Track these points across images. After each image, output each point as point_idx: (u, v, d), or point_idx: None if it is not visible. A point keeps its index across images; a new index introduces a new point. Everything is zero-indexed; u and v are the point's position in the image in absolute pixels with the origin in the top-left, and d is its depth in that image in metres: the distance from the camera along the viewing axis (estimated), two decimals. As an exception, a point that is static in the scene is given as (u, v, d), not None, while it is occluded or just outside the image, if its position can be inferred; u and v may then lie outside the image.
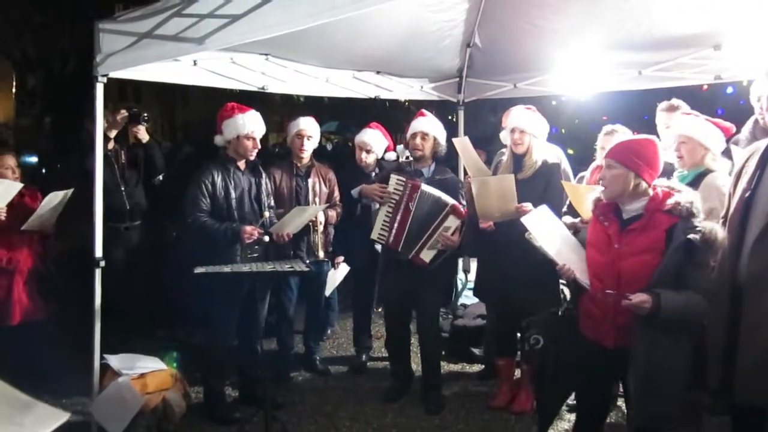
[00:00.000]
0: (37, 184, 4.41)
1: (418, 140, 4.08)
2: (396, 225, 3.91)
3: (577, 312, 2.87)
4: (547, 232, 2.93)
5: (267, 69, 4.64)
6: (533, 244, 2.90)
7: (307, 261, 4.22)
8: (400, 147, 4.54)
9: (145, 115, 4.62)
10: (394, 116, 4.48)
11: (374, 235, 4.01)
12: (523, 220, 2.96)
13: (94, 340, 3.56)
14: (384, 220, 3.97)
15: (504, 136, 4.18)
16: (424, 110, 4.25)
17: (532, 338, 2.88)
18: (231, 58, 4.36)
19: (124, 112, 4.44)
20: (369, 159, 4.78)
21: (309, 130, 4.44)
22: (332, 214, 4.47)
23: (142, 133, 4.58)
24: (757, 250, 2.62)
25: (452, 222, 3.85)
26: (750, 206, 2.72)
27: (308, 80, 4.97)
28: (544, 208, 3.12)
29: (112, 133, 4.44)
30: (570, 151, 6.60)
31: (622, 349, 2.64)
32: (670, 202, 2.64)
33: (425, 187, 3.90)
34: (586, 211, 3.12)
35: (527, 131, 3.86)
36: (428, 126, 4.11)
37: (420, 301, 4.09)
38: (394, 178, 3.98)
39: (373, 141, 4.76)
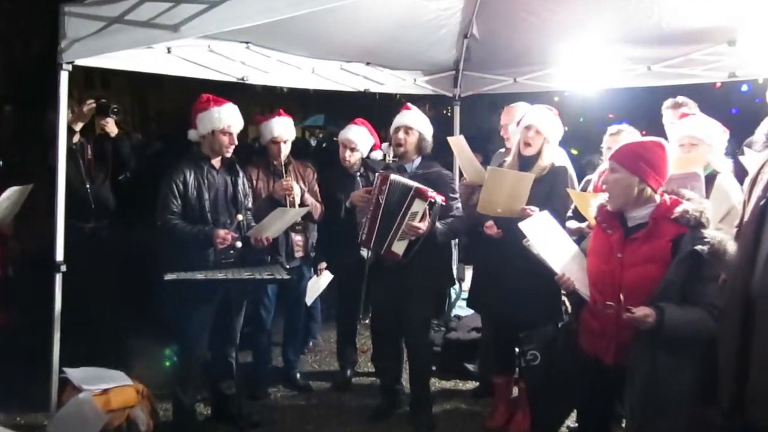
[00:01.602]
0: (-6, 179, 4.37)
1: (400, 134, 4.08)
2: (368, 222, 3.91)
3: (577, 325, 2.88)
4: (547, 239, 2.94)
5: (247, 58, 4.63)
6: (531, 252, 2.91)
7: (288, 267, 4.20)
8: (385, 145, 4.52)
9: (115, 107, 4.58)
10: (384, 111, 4.46)
11: (359, 239, 4.01)
12: (521, 226, 2.97)
13: (52, 352, 3.52)
14: (363, 222, 3.97)
15: (512, 131, 4.18)
16: (409, 104, 4.25)
17: (529, 353, 2.89)
18: (208, 46, 4.34)
19: (91, 103, 4.40)
20: (353, 158, 4.77)
21: (285, 134, 4.43)
22: (312, 201, 4.45)
23: (111, 126, 4.55)
24: (771, 262, 2.64)
25: (418, 206, 3.80)
26: (766, 215, 2.73)
27: (292, 71, 4.96)
28: (544, 214, 3.12)
29: (78, 126, 4.39)
30: (573, 152, 6.62)
31: (623, 366, 2.65)
32: (678, 210, 2.65)
33: (394, 177, 3.88)
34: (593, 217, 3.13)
35: (543, 133, 3.85)
36: (412, 120, 4.11)
37: (409, 312, 4.08)
38: (377, 177, 3.98)
39: (358, 138, 4.75)
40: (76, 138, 4.42)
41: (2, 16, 10.49)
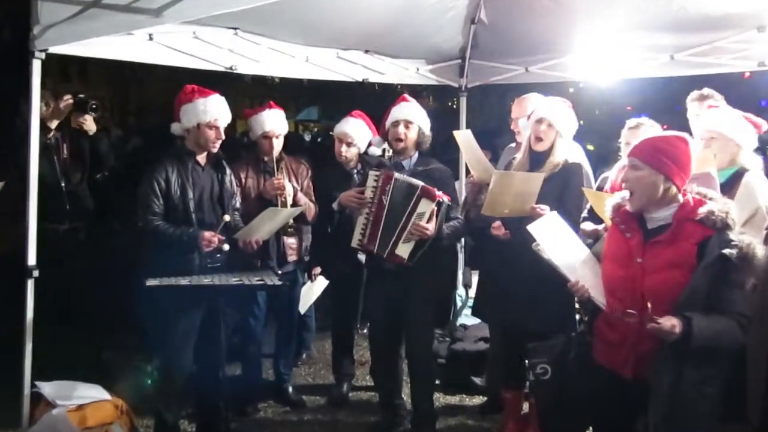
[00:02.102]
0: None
1: (400, 129, 4.08)
2: (370, 224, 3.92)
3: (591, 336, 2.87)
4: (558, 242, 2.94)
5: (236, 46, 4.62)
6: (541, 256, 2.90)
7: (279, 272, 4.20)
8: (376, 138, 4.52)
9: (93, 103, 4.59)
10: (384, 103, 4.46)
11: (354, 242, 4.01)
12: (530, 228, 2.96)
13: (24, 364, 3.52)
14: (362, 224, 3.98)
15: (523, 125, 4.18)
16: (406, 95, 4.26)
17: (539, 367, 2.88)
18: (193, 33, 4.34)
19: (68, 99, 4.41)
20: (350, 153, 4.77)
21: (277, 128, 4.43)
22: (305, 201, 4.45)
23: (89, 124, 4.56)
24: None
25: (425, 206, 3.84)
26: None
27: (284, 60, 4.96)
28: (553, 215, 3.12)
29: (53, 123, 4.41)
30: (589, 147, 6.62)
31: (643, 380, 2.64)
32: (702, 210, 2.65)
33: (399, 176, 3.90)
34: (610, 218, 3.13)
35: (556, 126, 3.85)
36: (413, 113, 4.12)
37: (411, 321, 4.08)
38: (371, 175, 3.98)
39: (355, 132, 4.75)
40: (50, 134, 4.42)
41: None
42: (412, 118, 4.10)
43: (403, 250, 3.88)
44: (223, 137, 3.92)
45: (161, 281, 3.44)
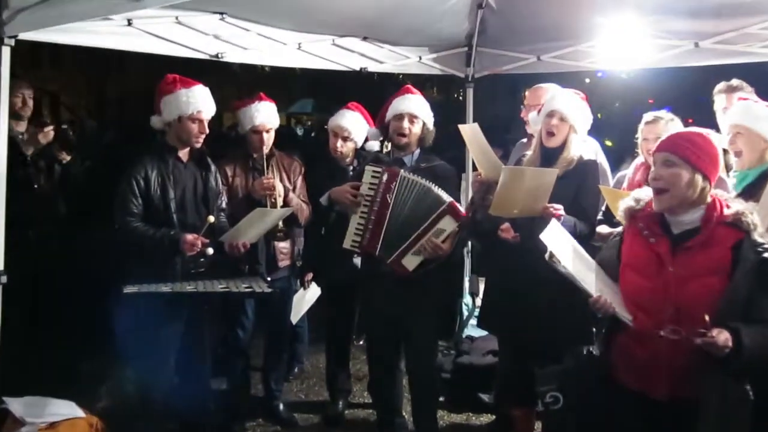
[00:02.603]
0: None
1: (404, 124, 4.09)
2: (371, 224, 3.93)
3: (610, 355, 2.86)
4: (568, 252, 2.93)
5: (222, 32, 4.63)
6: (557, 269, 2.88)
7: (269, 278, 4.20)
8: (372, 130, 4.51)
9: (72, 136, 4.70)
10: (383, 95, 4.46)
11: (346, 244, 4.01)
12: (543, 238, 2.94)
13: (-10, 378, 3.52)
14: (359, 223, 3.97)
15: (533, 119, 4.18)
16: (410, 86, 4.26)
17: (548, 396, 2.84)
18: (176, 18, 4.34)
19: (49, 130, 4.48)
20: (346, 148, 4.77)
21: (268, 122, 4.43)
22: (297, 202, 4.45)
23: (65, 156, 4.68)
24: None
25: (447, 225, 3.86)
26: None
27: (275, 47, 4.96)
28: (554, 224, 3.11)
29: (29, 150, 4.47)
30: (608, 143, 6.63)
31: (681, 400, 2.63)
32: (730, 212, 2.65)
33: (407, 174, 3.92)
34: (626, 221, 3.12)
35: (569, 120, 3.85)
36: (418, 107, 4.13)
37: (413, 332, 4.08)
38: (369, 170, 3.99)
39: (352, 126, 4.76)
40: (21, 127, 4.45)
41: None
42: (418, 113, 4.12)
43: (410, 261, 3.89)
44: (208, 131, 3.93)
45: (140, 288, 3.43)
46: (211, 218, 3.83)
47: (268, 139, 4.44)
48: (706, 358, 2.53)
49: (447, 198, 3.91)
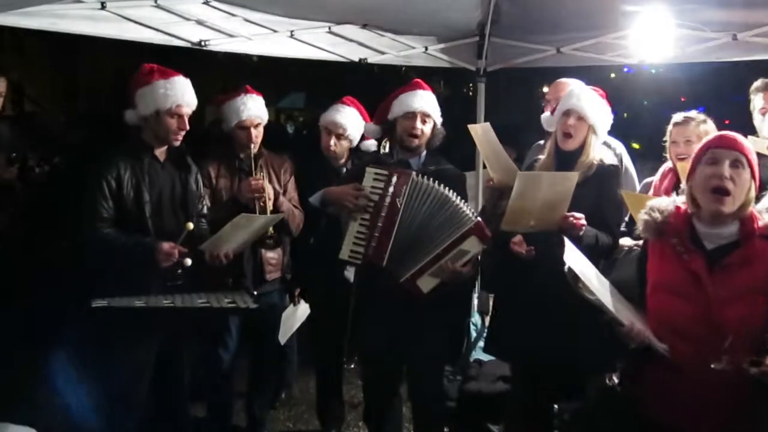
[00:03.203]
0: None
1: (417, 123, 4.07)
2: (378, 231, 3.89)
3: (638, 387, 2.85)
4: (590, 275, 2.92)
5: (207, 17, 4.64)
6: (584, 295, 2.85)
7: (255, 293, 4.19)
8: (370, 126, 4.47)
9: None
10: (384, 90, 4.45)
11: (344, 254, 3.95)
12: (568, 260, 2.93)
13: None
14: (359, 231, 3.94)
15: (547, 121, 4.18)
16: (421, 81, 4.24)
17: None
18: (155, 1, 4.35)
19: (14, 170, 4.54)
20: (340, 147, 4.77)
21: (256, 116, 4.43)
22: (288, 207, 4.44)
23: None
24: None
25: (472, 246, 3.81)
26: None
27: (264, 35, 4.97)
28: (567, 242, 3.10)
29: None
30: (634, 146, 6.62)
31: None
32: (763, 224, 2.68)
33: (419, 178, 3.89)
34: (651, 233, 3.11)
35: (588, 119, 3.86)
36: (431, 105, 4.11)
37: (416, 354, 4.07)
38: (371, 172, 3.95)
39: (347, 123, 4.75)
40: None
41: None
42: (431, 111, 4.10)
43: (426, 283, 3.85)
44: (188, 128, 3.91)
45: (110, 302, 3.43)
46: (190, 225, 3.81)
47: (257, 135, 4.43)
48: (763, 391, 2.52)
49: (472, 214, 3.85)
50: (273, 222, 4.22)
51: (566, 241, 3.03)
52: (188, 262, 3.77)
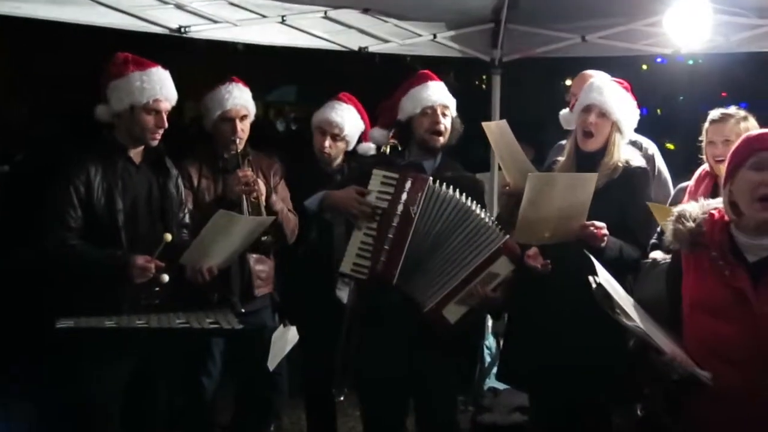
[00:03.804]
0: None
1: (440, 118, 4.01)
2: (387, 243, 3.85)
3: (680, 422, 2.85)
4: (621, 296, 2.91)
5: (186, 1, 4.63)
6: (621, 320, 2.84)
7: (243, 310, 4.19)
8: (378, 132, 4.42)
9: None
10: (387, 82, 4.43)
11: (345, 267, 3.90)
12: (603, 281, 2.92)
13: None
14: (364, 242, 3.89)
15: (566, 118, 4.18)
16: (427, 71, 4.20)
17: None
18: (129, -17, 4.37)
19: None
20: (335, 150, 4.76)
21: (242, 107, 4.41)
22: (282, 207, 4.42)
23: None
24: None
25: (503, 267, 3.76)
26: None
27: (252, 20, 4.97)
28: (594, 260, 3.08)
29: None
30: (669, 146, 6.62)
31: None
32: None
33: (436, 185, 3.84)
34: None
35: (611, 116, 3.85)
36: (447, 95, 4.08)
37: (424, 383, 4.06)
38: (378, 175, 3.91)
39: (344, 122, 4.74)
40: None
41: None
42: (450, 103, 4.07)
43: (454, 312, 3.81)
44: (166, 125, 3.90)
45: (77, 323, 3.42)
46: (168, 236, 3.79)
47: (242, 129, 4.41)
48: None
49: (499, 229, 3.81)
50: (261, 226, 4.17)
51: (592, 258, 3.02)
52: (165, 278, 3.74)
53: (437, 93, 4.05)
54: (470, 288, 3.77)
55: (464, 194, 3.87)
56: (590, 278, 2.93)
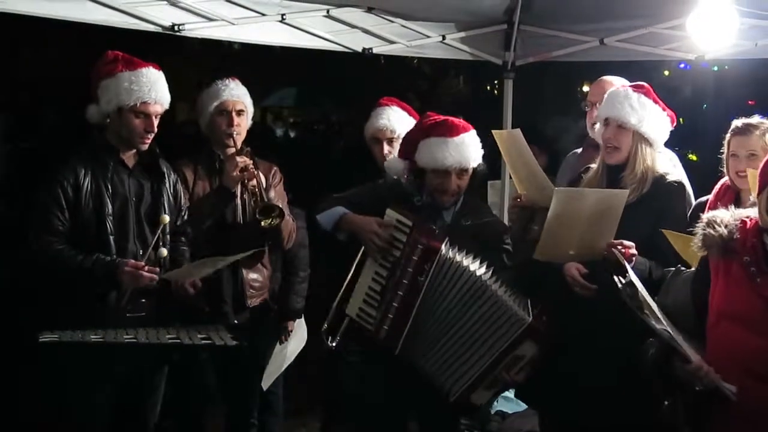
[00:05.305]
0: None
1: (451, 183, 3.89)
2: (396, 302, 3.77)
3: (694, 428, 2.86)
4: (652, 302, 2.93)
5: (181, -3, 4.67)
6: (649, 322, 2.85)
7: (236, 322, 4.19)
8: (395, 162, 4.33)
9: None
10: (393, 84, 4.44)
11: (352, 310, 3.85)
12: (630, 275, 2.93)
13: None
14: (372, 287, 3.85)
15: (597, 133, 4.19)
16: (455, 119, 4.05)
17: None
18: (119, -24, 4.39)
19: None
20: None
21: (240, 100, 4.42)
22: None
23: None
24: None
25: (528, 350, 3.73)
26: None
27: (250, 18, 4.99)
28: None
29: None
30: (692, 157, 6.63)
31: None
32: None
33: (449, 254, 3.76)
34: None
35: (630, 126, 3.85)
36: (469, 155, 3.92)
37: (424, 406, 4.07)
38: (392, 216, 3.83)
39: (393, 122, 4.70)
40: None
41: None
42: (470, 164, 3.93)
43: (481, 397, 3.84)
44: (156, 130, 3.90)
45: (60, 336, 3.41)
46: (166, 218, 3.82)
47: (239, 123, 4.41)
48: None
49: (521, 308, 3.73)
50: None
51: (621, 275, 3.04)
52: (155, 278, 3.73)
53: (456, 153, 3.88)
54: (495, 374, 3.76)
55: (484, 244, 3.85)
56: (615, 278, 2.95)
